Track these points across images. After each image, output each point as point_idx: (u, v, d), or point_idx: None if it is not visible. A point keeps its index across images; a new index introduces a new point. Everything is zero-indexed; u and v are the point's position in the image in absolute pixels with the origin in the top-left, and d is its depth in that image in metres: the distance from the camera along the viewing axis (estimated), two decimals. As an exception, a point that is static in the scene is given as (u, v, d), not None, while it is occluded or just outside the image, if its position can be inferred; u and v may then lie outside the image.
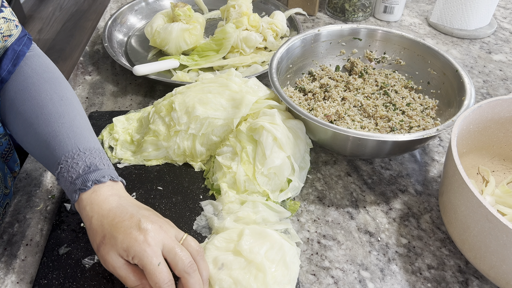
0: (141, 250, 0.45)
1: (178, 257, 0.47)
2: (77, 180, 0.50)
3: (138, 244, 0.46)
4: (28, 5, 3.11)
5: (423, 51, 0.80)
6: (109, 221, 0.48)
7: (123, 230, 0.47)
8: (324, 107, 0.74)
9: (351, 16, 1.12)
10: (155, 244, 0.46)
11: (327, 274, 0.57)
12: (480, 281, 0.56)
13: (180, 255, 0.47)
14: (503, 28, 1.13)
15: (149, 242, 0.46)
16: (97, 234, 0.48)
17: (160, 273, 0.45)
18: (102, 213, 0.49)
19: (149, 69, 0.85)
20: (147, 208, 0.51)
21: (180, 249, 0.47)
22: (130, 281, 0.47)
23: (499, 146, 0.68)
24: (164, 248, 0.47)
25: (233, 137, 0.66)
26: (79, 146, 0.53)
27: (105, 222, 0.48)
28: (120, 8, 1.04)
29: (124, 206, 0.49)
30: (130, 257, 0.46)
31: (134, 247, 0.46)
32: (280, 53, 0.76)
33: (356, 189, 0.68)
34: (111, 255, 0.47)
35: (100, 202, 0.49)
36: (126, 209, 0.49)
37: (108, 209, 0.49)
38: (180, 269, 0.47)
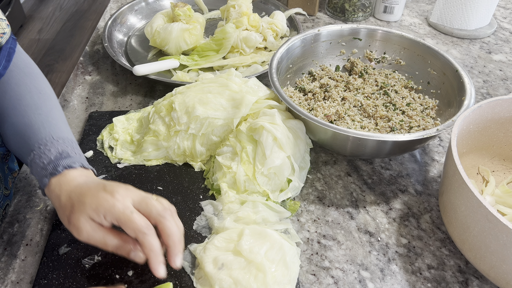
0: (111, 205, 0.46)
1: (150, 205, 0.47)
2: (48, 165, 0.51)
3: (107, 201, 0.46)
4: (28, 5, 3.11)
5: (423, 51, 0.80)
6: (76, 193, 0.49)
7: (90, 194, 0.47)
8: (324, 107, 0.74)
9: (351, 16, 1.12)
10: (123, 199, 0.47)
11: (327, 274, 0.57)
12: (480, 281, 0.56)
13: (152, 202, 0.47)
14: (503, 28, 1.13)
15: (117, 198, 0.46)
16: (66, 208, 0.49)
17: (135, 219, 0.46)
18: (69, 189, 0.50)
19: (149, 69, 0.85)
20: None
21: (151, 199, 0.48)
22: (109, 241, 0.47)
23: (499, 146, 0.68)
24: (134, 201, 0.47)
25: (233, 137, 0.66)
26: (53, 135, 0.54)
27: (72, 195, 0.49)
28: (120, 8, 1.04)
29: (91, 182, 0.51)
30: (102, 216, 0.46)
31: (103, 205, 0.46)
32: (280, 53, 0.76)
33: (356, 189, 0.68)
34: (82, 221, 0.47)
35: (68, 181, 0.51)
36: (92, 182, 0.50)
37: (75, 185, 0.50)
38: (155, 215, 0.47)
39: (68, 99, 0.85)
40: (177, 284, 0.53)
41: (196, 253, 0.55)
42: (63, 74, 2.50)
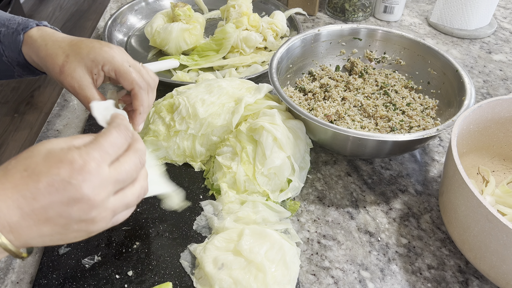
0: (110, 56, 0.48)
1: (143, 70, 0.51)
2: (18, 27, 0.53)
3: (106, 52, 0.48)
4: (28, 5, 3.11)
5: (423, 51, 0.80)
6: (67, 43, 0.49)
7: (85, 45, 0.48)
8: (324, 107, 0.74)
9: (351, 16, 1.12)
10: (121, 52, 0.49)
11: (327, 274, 0.56)
12: (480, 281, 0.56)
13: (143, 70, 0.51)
14: (503, 28, 1.13)
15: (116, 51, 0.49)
16: (57, 57, 0.48)
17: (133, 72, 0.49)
18: (56, 39, 0.50)
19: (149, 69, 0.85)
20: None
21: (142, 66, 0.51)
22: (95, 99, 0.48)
23: (499, 146, 0.68)
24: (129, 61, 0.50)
25: (233, 137, 0.66)
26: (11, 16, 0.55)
27: (63, 45, 0.49)
28: (120, 8, 1.04)
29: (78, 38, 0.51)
30: (100, 66, 0.48)
31: (103, 54, 0.47)
32: (280, 53, 0.76)
33: (356, 189, 0.68)
34: (78, 71, 0.47)
35: (49, 34, 0.51)
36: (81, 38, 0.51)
37: (62, 37, 0.51)
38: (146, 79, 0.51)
39: (68, 99, 0.85)
40: (177, 284, 0.53)
41: (196, 253, 0.55)
42: (63, 74, 2.50)
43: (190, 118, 0.66)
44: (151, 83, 0.51)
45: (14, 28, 0.53)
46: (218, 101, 0.67)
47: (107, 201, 0.37)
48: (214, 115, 0.67)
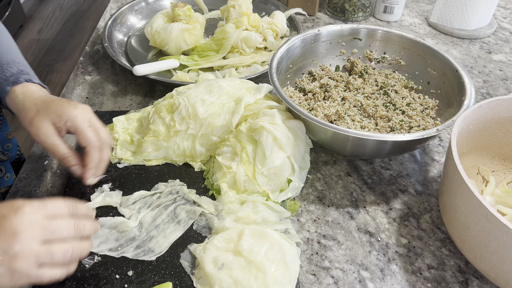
0: (74, 115, 0.56)
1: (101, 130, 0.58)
2: (11, 77, 0.61)
3: (71, 111, 0.56)
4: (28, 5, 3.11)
5: (423, 51, 0.80)
6: (41, 101, 0.58)
7: (55, 103, 0.57)
8: (324, 107, 0.74)
9: (351, 16, 1.12)
10: (84, 113, 0.57)
11: (327, 274, 0.57)
12: (480, 281, 0.56)
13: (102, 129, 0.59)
14: (503, 28, 1.13)
15: (79, 111, 0.57)
16: (30, 111, 0.57)
17: (90, 132, 0.56)
18: (34, 97, 0.59)
19: (149, 69, 0.85)
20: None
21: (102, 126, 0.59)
22: (60, 148, 0.56)
23: (499, 146, 0.68)
24: (90, 120, 0.58)
25: (233, 137, 0.66)
26: (14, 59, 0.65)
27: (37, 102, 0.58)
28: (120, 8, 1.04)
29: (52, 96, 0.60)
30: (63, 121, 0.56)
31: (67, 112, 0.56)
32: (280, 53, 0.76)
33: (356, 189, 0.68)
34: (44, 124, 0.56)
35: (31, 92, 0.60)
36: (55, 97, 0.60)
37: (39, 96, 0.59)
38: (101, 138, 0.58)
39: (68, 98, 0.85)
40: (177, 284, 0.53)
41: (196, 253, 0.55)
42: (63, 74, 2.51)
43: (190, 118, 0.66)
44: (106, 142, 0.59)
45: (7, 76, 0.61)
46: (218, 101, 0.67)
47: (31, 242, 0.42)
48: (214, 115, 0.67)
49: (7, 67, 0.63)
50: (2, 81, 0.61)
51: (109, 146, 0.60)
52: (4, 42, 0.67)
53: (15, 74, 0.62)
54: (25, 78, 0.62)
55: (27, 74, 0.63)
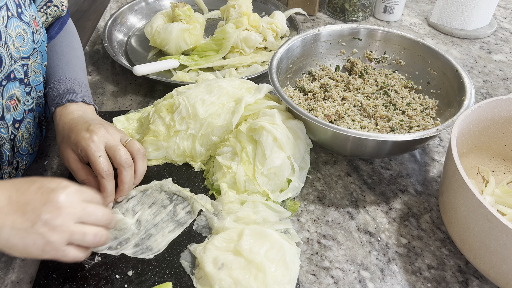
0: (86, 145, 0.57)
1: (117, 153, 0.58)
2: (56, 97, 0.65)
3: (84, 140, 0.57)
4: (28, 5, 3.11)
5: (423, 51, 0.80)
6: (68, 126, 0.61)
7: (75, 131, 0.59)
8: (324, 107, 0.74)
9: (351, 16, 1.12)
10: (98, 141, 0.58)
11: (327, 274, 0.57)
12: (480, 281, 0.56)
13: (119, 151, 0.59)
14: (503, 28, 1.13)
15: (93, 139, 0.57)
16: (59, 137, 0.62)
17: (100, 163, 0.57)
18: (65, 121, 0.62)
19: (149, 69, 0.85)
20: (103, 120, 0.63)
21: (120, 148, 0.59)
22: (79, 174, 0.60)
23: (499, 146, 0.68)
24: (107, 145, 0.59)
25: (233, 137, 0.66)
26: (67, 75, 0.68)
27: (65, 127, 0.61)
28: (120, 8, 1.04)
29: (83, 117, 0.62)
30: (79, 150, 0.58)
31: (81, 143, 0.57)
32: (280, 53, 0.76)
33: (356, 189, 0.68)
34: (67, 151, 0.59)
35: (66, 114, 0.63)
36: (83, 118, 0.62)
37: (70, 118, 0.62)
38: (118, 163, 0.59)
39: (68, 99, 0.85)
40: (177, 284, 0.53)
41: (196, 253, 0.55)
42: (63, 74, 2.50)
43: (190, 118, 0.66)
44: (124, 164, 0.59)
45: (54, 96, 0.65)
46: (218, 101, 0.67)
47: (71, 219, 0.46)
48: (214, 115, 0.67)
49: (57, 85, 0.66)
50: (50, 100, 0.66)
51: (127, 167, 0.59)
52: (65, 55, 0.71)
53: (61, 94, 0.65)
54: (68, 98, 0.64)
55: (72, 93, 0.65)
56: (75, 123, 0.61)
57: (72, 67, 0.70)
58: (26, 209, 0.44)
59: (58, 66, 0.69)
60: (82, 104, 0.65)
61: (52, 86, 0.67)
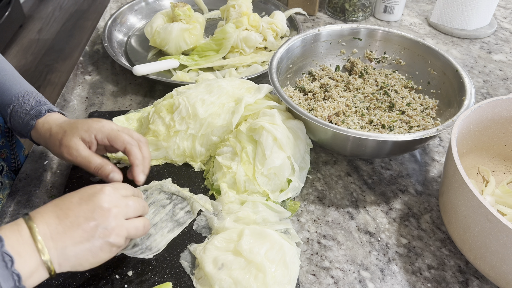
0: (100, 126, 0.57)
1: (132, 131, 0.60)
2: (31, 111, 0.61)
3: (96, 124, 0.57)
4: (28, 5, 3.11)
5: (423, 51, 0.80)
6: (67, 123, 0.59)
7: (80, 122, 0.58)
8: (324, 107, 0.74)
9: (351, 16, 1.12)
10: (109, 124, 0.58)
11: (327, 274, 0.56)
12: (480, 281, 0.56)
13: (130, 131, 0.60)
14: (503, 28, 1.13)
15: (104, 123, 0.58)
16: (57, 135, 0.58)
17: (123, 134, 0.57)
18: (58, 122, 0.60)
19: (149, 69, 0.85)
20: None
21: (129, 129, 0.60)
22: (93, 160, 0.57)
23: (499, 146, 0.68)
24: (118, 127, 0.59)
25: (233, 137, 0.66)
26: (26, 89, 0.64)
27: (63, 124, 0.59)
28: (120, 8, 1.04)
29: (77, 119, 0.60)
30: (93, 135, 0.57)
31: (94, 126, 0.57)
32: (280, 53, 0.76)
33: (356, 189, 0.68)
34: (74, 141, 0.56)
35: (55, 119, 0.61)
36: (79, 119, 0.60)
37: (63, 120, 0.61)
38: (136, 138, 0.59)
39: (68, 99, 0.85)
40: (177, 284, 0.53)
41: (196, 253, 0.55)
42: (62, 74, 2.50)
43: (190, 118, 0.66)
44: (142, 139, 0.60)
45: (27, 110, 0.61)
46: (218, 101, 0.67)
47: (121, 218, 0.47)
48: (214, 115, 0.67)
49: (24, 100, 0.63)
50: (23, 116, 0.61)
51: (146, 143, 0.60)
52: (7, 70, 0.66)
53: (35, 107, 0.62)
54: (45, 109, 0.62)
55: (45, 104, 0.63)
56: (73, 120, 0.60)
57: (21, 80, 0.66)
58: (79, 222, 0.44)
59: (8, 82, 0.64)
60: (60, 114, 0.63)
61: (18, 103, 0.62)
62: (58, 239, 0.43)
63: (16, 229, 0.42)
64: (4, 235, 0.41)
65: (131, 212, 0.49)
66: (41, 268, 0.42)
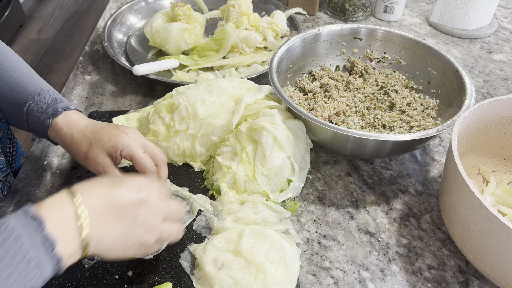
0: (128, 143, 0.55)
1: (155, 150, 0.58)
2: (47, 109, 0.59)
3: (124, 139, 0.55)
4: (28, 5, 3.11)
5: (424, 51, 0.80)
6: (89, 131, 0.57)
7: (106, 133, 0.56)
8: (324, 107, 0.74)
9: (351, 16, 1.12)
10: (135, 139, 0.56)
11: (327, 274, 0.56)
12: (480, 281, 0.56)
13: (156, 149, 0.58)
14: (503, 28, 1.13)
15: (132, 138, 0.56)
16: (82, 145, 0.56)
17: (146, 159, 0.56)
18: (79, 127, 0.58)
19: (149, 69, 0.85)
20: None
21: (154, 146, 0.58)
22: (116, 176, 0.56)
23: (499, 146, 0.68)
24: (143, 144, 0.57)
25: (233, 137, 0.66)
26: (42, 87, 0.62)
27: (86, 133, 0.57)
28: (120, 8, 1.04)
29: (96, 122, 0.59)
30: (119, 151, 0.55)
31: (121, 141, 0.55)
32: (280, 53, 0.76)
33: (356, 189, 0.68)
34: (100, 156, 0.55)
35: (74, 122, 0.59)
36: (99, 122, 0.59)
37: (84, 124, 0.58)
38: (158, 159, 0.58)
39: (68, 99, 0.85)
40: (177, 284, 0.53)
41: (196, 253, 0.55)
42: (62, 74, 2.50)
43: (190, 118, 0.66)
44: (162, 162, 0.58)
45: (43, 109, 0.59)
46: (218, 101, 0.67)
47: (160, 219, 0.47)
48: (214, 115, 0.66)
49: (40, 98, 0.60)
50: (39, 114, 0.59)
51: (165, 163, 0.59)
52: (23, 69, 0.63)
53: (51, 105, 0.59)
54: (62, 106, 0.59)
55: (61, 102, 0.60)
56: (96, 127, 0.57)
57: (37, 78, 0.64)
58: (124, 213, 0.44)
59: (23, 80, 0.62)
60: (76, 111, 0.61)
61: (34, 101, 0.60)
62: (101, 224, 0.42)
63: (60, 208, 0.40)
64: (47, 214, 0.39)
65: (171, 214, 0.49)
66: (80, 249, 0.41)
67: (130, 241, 0.44)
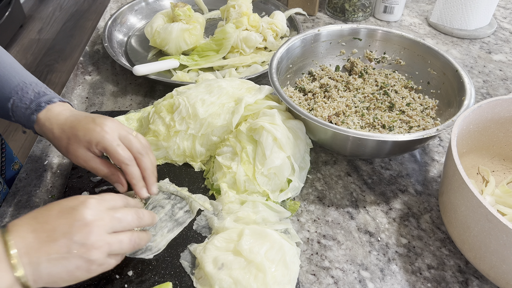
0: (101, 136, 0.54)
1: (133, 141, 0.56)
2: (31, 104, 0.58)
3: (97, 133, 0.54)
4: (28, 5, 3.11)
5: (423, 51, 0.80)
6: (68, 126, 0.56)
7: (81, 128, 0.55)
8: (324, 107, 0.74)
9: (351, 16, 1.12)
10: (111, 131, 0.55)
11: (327, 274, 0.57)
12: (480, 281, 0.56)
13: (134, 140, 0.56)
14: (503, 28, 1.13)
15: (106, 130, 0.54)
16: (62, 140, 0.56)
17: (122, 150, 0.54)
18: (60, 122, 0.57)
19: (149, 69, 0.85)
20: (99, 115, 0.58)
21: (133, 137, 0.57)
22: (100, 170, 0.56)
23: (499, 146, 0.68)
24: (120, 135, 0.56)
25: (233, 137, 0.66)
26: (25, 80, 0.60)
27: (65, 128, 0.56)
28: (120, 8, 1.04)
29: (77, 114, 0.58)
30: (94, 145, 0.54)
31: (94, 136, 0.54)
32: (280, 53, 0.76)
33: (356, 189, 0.68)
34: (80, 151, 0.55)
35: (55, 116, 0.58)
36: (79, 115, 0.58)
37: (64, 118, 0.57)
38: (135, 151, 0.56)
39: (68, 99, 0.85)
40: (177, 284, 0.53)
41: (196, 253, 0.55)
42: (63, 74, 2.51)
43: (190, 118, 0.66)
44: (139, 153, 0.56)
45: (27, 104, 0.58)
46: (218, 101, 0.67)
47: (103, 232, 0.44)
48: (214, 115, 0.67)
49: (23, 93, 0.59)
50: (24, 110, 0.58)
51: (147, 152, 0.57)
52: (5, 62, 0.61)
53: (34, 100, 0.58)
54: (45, 100, 0.58)
55: (44, 95, 0.59)
56: (74, 121, 0.56)
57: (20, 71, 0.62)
58: (56, 236, 0.42)
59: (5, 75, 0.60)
60: (61, 103, 0.60)
61: (18, 97, 0.59)
62: (33, 254, 0.41)
63: None
64: None
65: (118, 225, 0.46)
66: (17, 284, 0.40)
67: (72, 263, 0.42)
